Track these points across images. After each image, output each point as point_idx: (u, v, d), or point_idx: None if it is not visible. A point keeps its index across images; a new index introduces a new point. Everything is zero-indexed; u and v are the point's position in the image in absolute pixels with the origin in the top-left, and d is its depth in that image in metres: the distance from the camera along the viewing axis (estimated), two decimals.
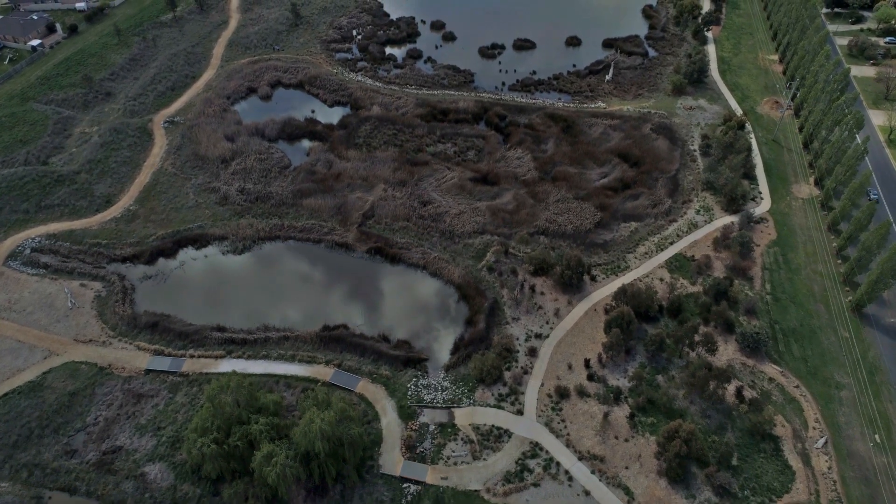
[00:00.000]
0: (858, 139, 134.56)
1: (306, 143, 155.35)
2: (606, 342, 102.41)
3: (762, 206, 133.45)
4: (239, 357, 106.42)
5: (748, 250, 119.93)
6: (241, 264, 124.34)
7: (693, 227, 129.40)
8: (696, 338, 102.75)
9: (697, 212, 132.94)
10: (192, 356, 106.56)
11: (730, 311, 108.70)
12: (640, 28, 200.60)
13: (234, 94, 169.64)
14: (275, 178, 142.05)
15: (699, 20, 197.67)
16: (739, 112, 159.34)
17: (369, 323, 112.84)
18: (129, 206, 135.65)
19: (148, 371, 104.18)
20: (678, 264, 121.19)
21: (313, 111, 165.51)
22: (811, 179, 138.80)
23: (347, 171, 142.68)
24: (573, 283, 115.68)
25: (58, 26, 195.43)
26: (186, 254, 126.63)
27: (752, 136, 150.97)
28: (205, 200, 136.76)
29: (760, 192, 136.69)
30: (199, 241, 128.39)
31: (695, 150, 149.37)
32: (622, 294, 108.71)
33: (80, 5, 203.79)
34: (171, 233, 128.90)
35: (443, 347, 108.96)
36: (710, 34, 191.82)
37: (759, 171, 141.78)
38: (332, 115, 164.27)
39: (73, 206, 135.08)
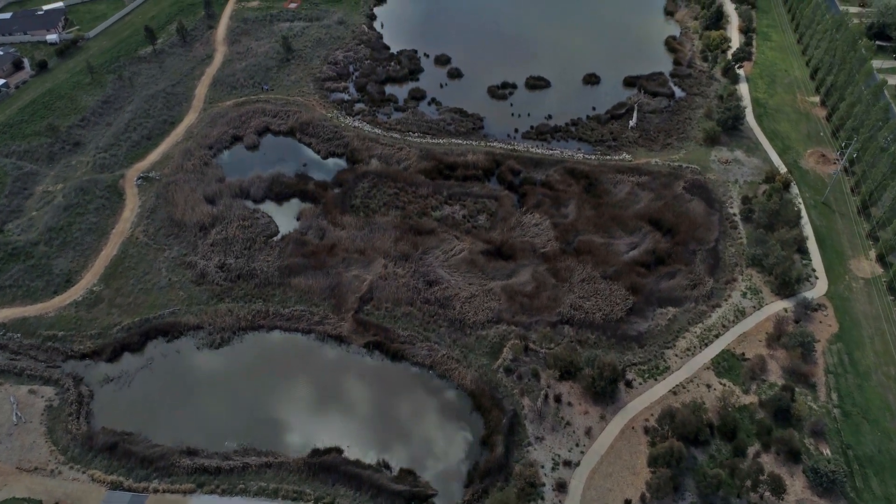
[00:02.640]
0: None
1: (297, 203, 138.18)
2: (651, 481, 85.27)
3: (817, 288, 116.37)
4: (212, 491, 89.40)
5: (809, 351, 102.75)
6: (218, 362, 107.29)
7: (740, 314, 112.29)
8: (760, 476, 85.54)
9: (744, 294, 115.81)
10: (156, 490, 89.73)
11: (793, 430, 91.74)
12: (664, 63, 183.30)
13: (217, 143, 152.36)
14: (260, 249, 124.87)
15: (727, 54, 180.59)
16: (782, 168, 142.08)
17: (367, 443, 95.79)
18: (93, 286, 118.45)
19: None
20: (727, 365, 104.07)
21: (305, 164, 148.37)
22: (872, 254, 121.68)
23: (342, 242, 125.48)
24: (606, 392, 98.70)
25: (26, 62, 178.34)
26: (155, 348, 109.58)
27: (799, 198, 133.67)
28: (179, 279, 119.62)
29: (814, 270, 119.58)
30: (171, 332, 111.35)
31: (735, 215, 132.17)
32: (668, 419, 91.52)
33: (52, 38, 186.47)
34: (138, 322, 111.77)
35: (454, 477, 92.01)
36: (741, 71, 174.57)
37: (811, 243, 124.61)
38: (326, 169, 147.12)
39: (27, 286, 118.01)
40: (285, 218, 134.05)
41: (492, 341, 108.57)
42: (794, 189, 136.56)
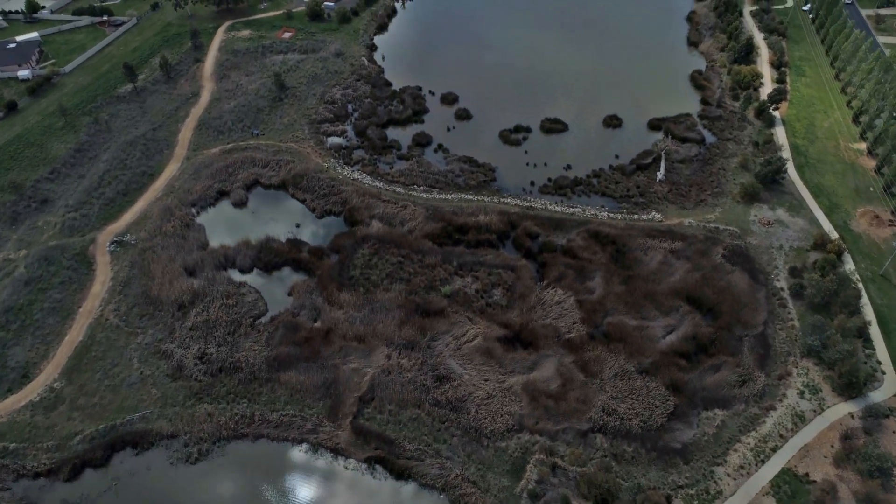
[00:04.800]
0: None
1: (288, 273, 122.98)
2: None
3: (886, 387, 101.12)
4: None
5: (888, 476, 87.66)
6: (195, 482, 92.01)
7: (799, 419, 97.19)
8: None
9: (801, 394, 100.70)
10: None
11: None
12: (691, 102, 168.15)
13: (201, 199, 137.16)
14: (245, 334, 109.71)
15: (760, 92, 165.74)
16: (832, 231, 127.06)
17: None
18: (53, 382, 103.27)
19: None
20: (790, 489, 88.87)
21: (298, 225, 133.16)
22: None
23: (339, 326, 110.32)
24: None
25: None
26: (122, 464, 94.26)
27: (856, 273, 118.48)
28: (153, 372, 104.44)
29: (880, 363, 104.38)
30: (141, 443, 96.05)
31: (782, 290, 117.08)
32: None
33: (24, 74, 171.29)
34: (103, 430, 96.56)
35: None
36: (777, 113, 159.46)
37: (873, 327, 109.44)
38: (321, 231, 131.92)
39: None
40: (275, 292, 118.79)
41: (513, 455, 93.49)
42: (847, 258, 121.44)
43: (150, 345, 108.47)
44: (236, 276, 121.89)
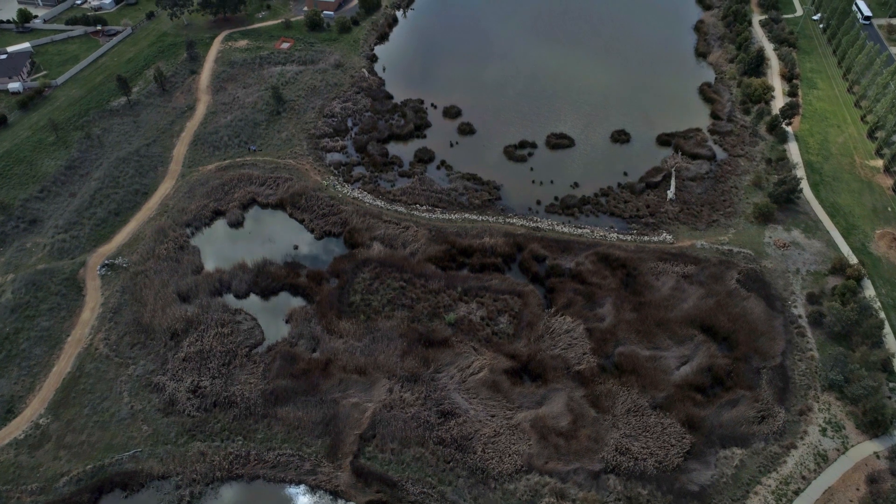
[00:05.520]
0: None
1: (285, 298, 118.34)
2: None
3: None
4: None
5: None
6: None
7: (822, 459, 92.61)
8: None
9: (823, 431, 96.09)
10: None
11: None
12: (701, 116, 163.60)
13: (196, 219, 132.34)
14: (241, 365, 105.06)
15: (771, 105, 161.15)
16: (850, 255, 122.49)
17: None
18: (39, 417, 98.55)
19: None
20: None
21: (296, 247, 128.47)
22: None
23: (339, 357, 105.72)
24: None
25: None
26: None
27: (877, 299, 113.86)
28: (143, 407, 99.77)
29: None
30: (131, 484, 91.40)
31: (800, 317, 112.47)
32: None
33: (14, 86, 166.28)
34: (90, 470, 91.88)
35: None
36: (789, 128, 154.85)
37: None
38: (320, 252, 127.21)
39: None
40: (272, 319, 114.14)
41: (521, 498, 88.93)
42: (867, 283, 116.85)
43: (142, 377, 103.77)
44: (232, 301, 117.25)
